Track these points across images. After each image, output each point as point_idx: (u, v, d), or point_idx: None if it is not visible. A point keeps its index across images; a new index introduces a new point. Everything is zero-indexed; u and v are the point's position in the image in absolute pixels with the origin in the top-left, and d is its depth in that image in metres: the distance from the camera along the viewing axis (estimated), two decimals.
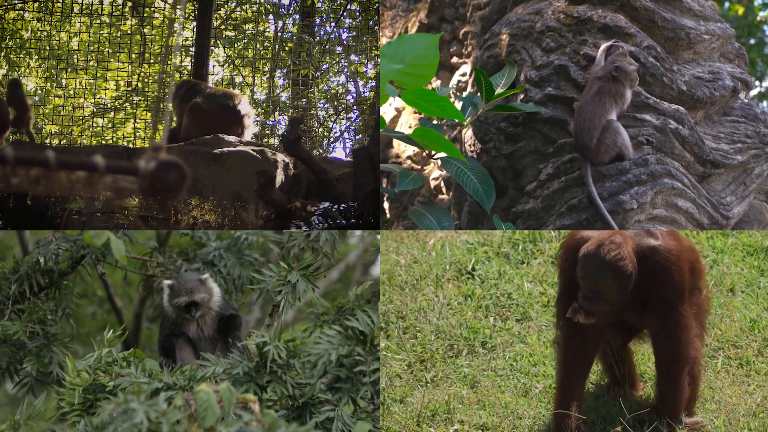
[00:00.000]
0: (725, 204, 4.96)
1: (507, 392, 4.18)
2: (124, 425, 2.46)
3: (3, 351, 3.64)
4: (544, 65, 5.06)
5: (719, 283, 4.81)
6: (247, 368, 3.26)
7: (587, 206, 4.65)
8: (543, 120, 4.98)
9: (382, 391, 4.11)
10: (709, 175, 4.96)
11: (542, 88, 5.01)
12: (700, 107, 5.03)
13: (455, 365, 4.36)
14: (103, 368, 3.37)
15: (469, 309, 4.68)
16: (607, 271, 3.68)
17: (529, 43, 5.17)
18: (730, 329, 4.49)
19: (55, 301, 3.81)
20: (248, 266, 3.94)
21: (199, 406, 2.60)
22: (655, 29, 5.03)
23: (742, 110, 5.17)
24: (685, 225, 4.78)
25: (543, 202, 4.87)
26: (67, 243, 3.82)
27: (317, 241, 3.67)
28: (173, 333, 3.65)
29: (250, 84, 9.39)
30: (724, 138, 5.06)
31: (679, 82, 4.94)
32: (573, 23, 5.04)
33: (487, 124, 5.30)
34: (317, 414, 3.20)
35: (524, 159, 5.11)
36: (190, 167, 3.31)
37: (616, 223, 4.57)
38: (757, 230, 5.13)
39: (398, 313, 4.64)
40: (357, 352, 3.22)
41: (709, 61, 5.19)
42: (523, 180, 5.13)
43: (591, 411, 3.98)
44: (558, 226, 4.74)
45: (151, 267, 3.95)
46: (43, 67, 9.46)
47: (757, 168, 5.08)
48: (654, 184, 4.68)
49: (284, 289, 3.58)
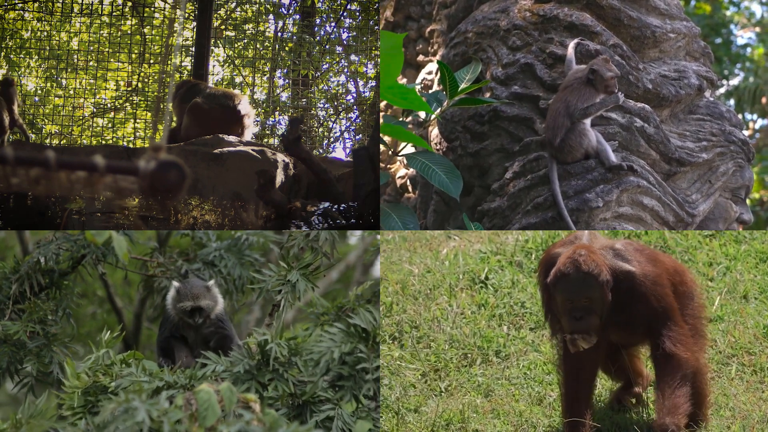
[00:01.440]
0: (691, 202, 4.97)
1: (521, 401, 4.17)
2: (125, 424, 2.47)
3: (3, 351, 3.63)
4: (510, 63, 5.06)
5: (732, 290, 4.78)
6: (249, 366, 3.26)
7: (552, 204, 4.66)
8: (509, 118, 4.98)
9: (396, 401, 4.12)
10: (675, 173, 4.97)
11: (508, 86, 5.02)
12: (666, 105, 5.05)
13: (469, 374, 4.35)
14: (103, 370, 3.37)
15: (483, 318, 4.67)
16: (587, 282, 3.59)
17: (496, 41, 5.17)
18: (744, 336, 4.48)
19: (55, 301, 3.81)
20: (248, 266, 3.94)
21: (200, 406, 2.60)
22: (621, 27, 5.04)
23: (707, 108, 5.19)
24: (651, 223, 4.79)
25: (509, 200, 4.87)
26: (68, 243, 3.82)
27: (317, 241, 3.67)
28: (173, 335, 3.65)
29: (250, 84, 9.39)
30: (690, 136, 5.08)
31: (644, 81, 4.96)
32: (539, 21, 5.05)
33: (453, 122, 5.30)
34: (317, 413, 3.20)
35: (490, 157, 5.10)
36: (190, 167, 3.32)
37: (581, 221, 4.58)
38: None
39: (412, 323, 4.64)
40: (359, 350, 3.22)
41: (674, 60, 5.20)
42: (489, 178, 5.12)
43: (605, 419, 3.96)
44: (524, 224, 4.74)
45: (151, 267, 3.95)
46: (43, 67, 9.46)
47: (723, 166, 5.10)
48: (619, 182, 4.69)
49: (284, 288, 3.58)
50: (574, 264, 3.59)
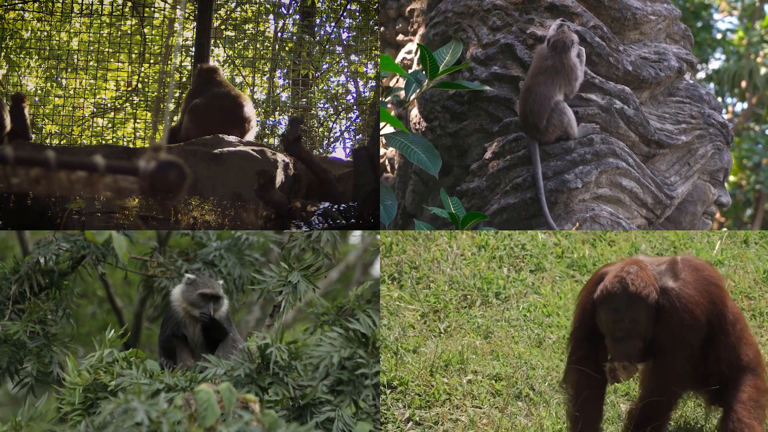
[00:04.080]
0: (669, 184, 4.99)
1: (521, 343, 4.14)
2: (125, 425, 2.46)
3: (3, 351, 3.65)
4: (490, 44, 5.05)
5: (733, 234, 4.78)
6: (249, 370, 3.25)
7: (531, 185, 4.65)
8: (488, 98, 4.97)
9: (395, 341, 4.06)
10: (654, 155, 4.99)
11: (488, 66, 5.01)
12: (646, 87, 5.06)
13: (469, 315, 4.30)
14: (104, 368, 3.37)
15: (483, 259, 4.63)
16: (633, 303, 3.37)
17: (476, 21, 5.15)
18: (744, 280, 4.45)
19: (55, 301, 3.81)
20: (249, 266, 3.94)
21: (200, 406, 2.60)
22: (602, 9, 5.05)
23: (687, 91, 5.20)
24: (629, 204, 4.80)
25: (488, 180, 4.87)
26: (68, 243, 3.82)
27: (318, 242, 3.67)
28: (175, 334, 3.65)
29: (250, 84, 9.38)
30: (669, 118, 5.09)
31: (624, 62, 4.96)
32: (520, 2, 5.05)
33: (433, 102, 5.28)
34: (317, 414, 3.19)
35: (469, 137, 5.10)
36: (190, 167, 3.30)
37: (560, 202, 4.59)
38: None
39: (411, 263, 4.58)
40: (359, 355, 3.22)
41: (655, 42, 5.22)
42: (468, 158, 5.12)
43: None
44: (502, 204, 4.74)
45: (151, 267, 3.95)
46: (43, 67, 9.45)
47: (701, 148, 5.11)
48: (599, 163, 4.70)
49: (285, 289, 3.58)
50: (622, 283, 3.38)
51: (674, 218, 5.12)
